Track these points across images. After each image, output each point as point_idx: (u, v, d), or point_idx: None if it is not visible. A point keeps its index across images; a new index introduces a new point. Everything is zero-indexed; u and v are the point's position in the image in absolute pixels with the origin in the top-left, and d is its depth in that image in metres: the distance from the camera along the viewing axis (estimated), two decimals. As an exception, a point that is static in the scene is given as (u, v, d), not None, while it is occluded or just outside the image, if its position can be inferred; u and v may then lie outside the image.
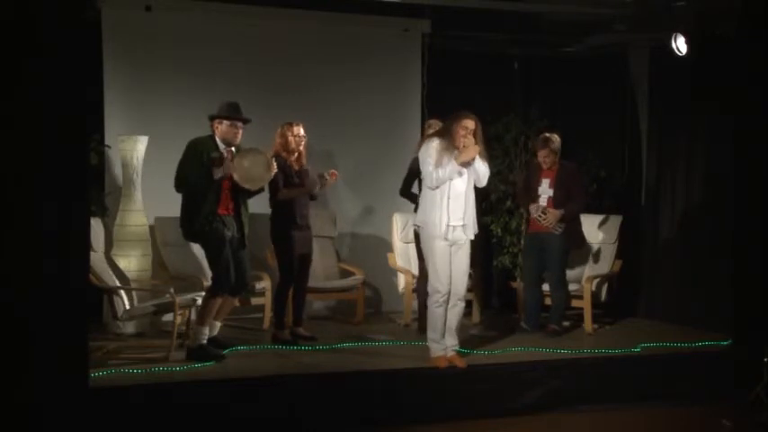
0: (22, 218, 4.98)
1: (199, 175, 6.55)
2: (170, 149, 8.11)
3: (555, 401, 6.60)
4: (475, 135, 6.39)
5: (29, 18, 4.94)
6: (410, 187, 7.82)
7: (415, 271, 8.29)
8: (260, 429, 5.97)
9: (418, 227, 6.63)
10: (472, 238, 6.53)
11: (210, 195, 6.57)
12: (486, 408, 6.29)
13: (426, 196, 6.50)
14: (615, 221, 8.66)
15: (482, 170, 6.47)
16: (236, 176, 6.58)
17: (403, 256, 8.68)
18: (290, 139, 7.26)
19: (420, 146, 7.79)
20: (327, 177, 7.35)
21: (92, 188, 7.18)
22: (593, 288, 8.17)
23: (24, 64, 4.95)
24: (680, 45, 8.13)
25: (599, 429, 6.46)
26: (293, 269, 7.26)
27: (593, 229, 8.55)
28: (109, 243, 7.33)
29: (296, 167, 7.27)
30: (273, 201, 7.22)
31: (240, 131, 6.76)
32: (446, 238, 6.41)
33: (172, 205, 8.02)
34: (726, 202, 7.85)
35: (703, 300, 8.32)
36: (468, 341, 7.41)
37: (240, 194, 6.73)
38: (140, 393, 5.88)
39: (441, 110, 8.40)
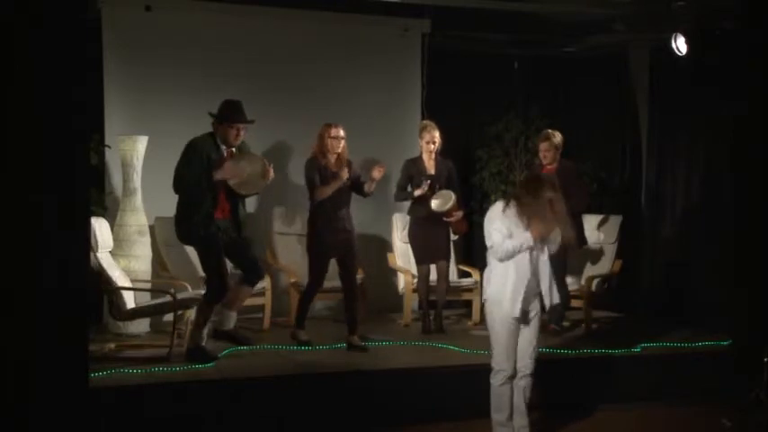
0: (22, 218, 4.97)
1: (198, 176, 6.41)
2: (170, 149, 8.10)
3: (555, 401, 6.60)
4: (557, 206, 5.58)
5: (29, 18, 4.93)
6: (404, 190, 7.83)
7: (415, 271, 8.28)
8: (260, 429, 5.98)
9: (488, 300, 5.72)
10: (556, 301, 5.76)
11: (208, 197, 6.44)
12: (487, 408, 6.27)
13: (496, 268, 5.66)
14: (615, 221, 8.66)
15: (558, 241, 5.71)
16: (230, 181, 6.45)
17: (403, 256, 8.68)
18: (327, 140, 7.07)
19: (425, 148, 7.75)
20: (373, 173, 7.12)
21: (92, 188, 7.17)
22: (594, 288, 8.17)
23: (24, 64, 4.94)
24: (680, 45, 8.13)
25: (599, 429, 6.46)
26: (322, 271, 7.10)
27: (593, 229, 8.55)
28: (109, 243, 7.33)
29: (334, 169, 7.06)
30: (311, 202, 7.09)
31: (242, 132, 6.60)
32: (513, 315, 5.60)
33: (172, 205, 8.01)
34: (726, 201, 7.86)
35: (703, 300, 8.32)
36: (468, 341, 7.42)
37: (238, 195, 6.64)
38: (140, 393, 5.89)
39: (441, 110, 8.42)
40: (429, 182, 7.63)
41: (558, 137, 7.80)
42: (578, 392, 6.75)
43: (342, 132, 7.11)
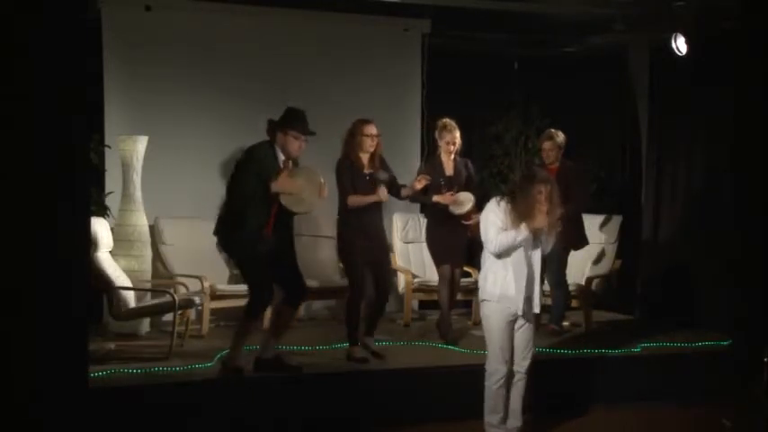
0: (22, 218, 4.98)
1: (254, 186, 5.90)
2: (170, 149, 8.16)
3: (555, 401, 6.60)
4: (551, 198, 5.59)
5: (29, 18, 4.94)
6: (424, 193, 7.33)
7: (415, 271, 8.28)
8: (260, 429, 5.97)
9: (486, 300, 5.69)
10: (537, 311, 5.77)
11: (262, 211, 5.95)
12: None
13: (493, 266, 5.65)
14: (615, 221, 8.67)
15: (551, 241, 5.72)
16: (283, 199, 5.92)
17: (403, 256, 8.67)
18: (361, 138, 6.61)
19: (444, 149, 7.39)
20: (415, 183, 6.84)
21: (92, 188, 7.17)
22: (594, 288, 8.17)
23: (24, 64, 4.95)
24: (680, 45, 8.14)
25: (599, 429, 6.46)
26: (360, 279, 6.64)
27: (594, 229, 8.55)
28: (109, 243, 7.33)
29: (367, 170, 6.63)
30: (341, 206, 6.68)
31: (304, 145, 6.07)
32: (516, 313, 5.62)
33: (172, 205, 8.07)
34: (726, 201, 7.86)
35: (703, 300, 8.32)
36: (468, 341, 7.42)
37: (290, 213, 6.10)
38: (140, 393, 5.89)
39: (441, 110, 8.40)
40: (450, 193, 7.25)
41: (560, 136, 7.80)
42: (578, 392, 6.75)
43: (375, 130, 6.66)
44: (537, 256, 5.68)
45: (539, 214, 5.53)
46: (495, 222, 5.58)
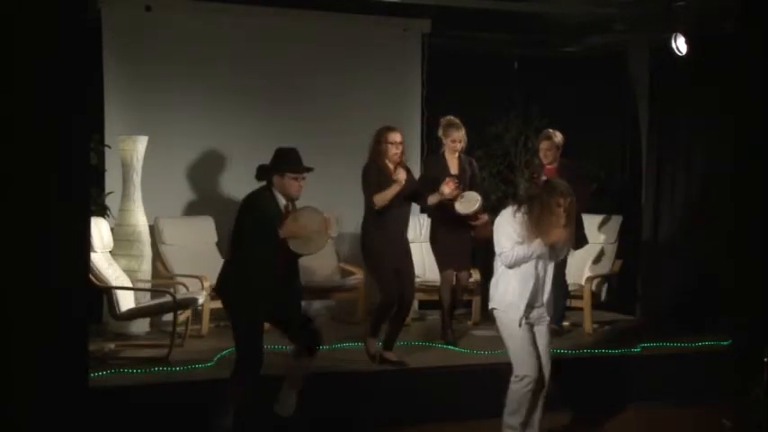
0: (22, 218, 4.98)
1: (263, 235, 5.51)
2: (170, 149, 8.16)
3: (555, 401, 6.59)
4: (569, 210, 5.41)
5: (29, 18, 4.94)
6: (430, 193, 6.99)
7: (416, 271, 8.25)
8: (260, 429, 5.97)
9: (495, 309, 5.57)
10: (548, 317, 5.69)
11: (270, 261, 5.56)
12: (488, 408, 6.28)
13: (505, 274, 5.52)
14: (615, 221, 8.66)
15: (565, 251, 5.67)
16: (292, 244, 5.56)
17: (403, 255, 8.66)
18: (384, 146, 6.52)
19: (449, 147, 7.30)
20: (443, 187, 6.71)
21: (92, 188, 7.17)
22: (594, 288, 8.17)
23: (24, 64, 4.95)
24: (680, 45, 8.14)
25: (599, 429, 6.46)
26: (392, 283, 6.53)
27: (594, 229, 8.54)
28: (109, 243, 7.33)
29: (393, 177, 6.48)
30: (367, 209, 6.56)
31: (304, 183, 5.71)
32: (528, 322, 5.51)
33: (172, 205, 8.07)
34: (726, 201, 7.86)
35: (703, 300, 8.32)
36: (468, 341, 7.42)
37: (296, 256, 5.74)
38: (140, 393, 5.89)
39: (441, 109, 8.42)
40: (458, 186, 6.98)
41: (558, 136, 7.80)
42: (577, 392, 6.74)
43: (399, 137, 6.57)
44: (550, 265, 5.56)
45: (556, 228, 5.35)
46: (510, 234, 5.40)
